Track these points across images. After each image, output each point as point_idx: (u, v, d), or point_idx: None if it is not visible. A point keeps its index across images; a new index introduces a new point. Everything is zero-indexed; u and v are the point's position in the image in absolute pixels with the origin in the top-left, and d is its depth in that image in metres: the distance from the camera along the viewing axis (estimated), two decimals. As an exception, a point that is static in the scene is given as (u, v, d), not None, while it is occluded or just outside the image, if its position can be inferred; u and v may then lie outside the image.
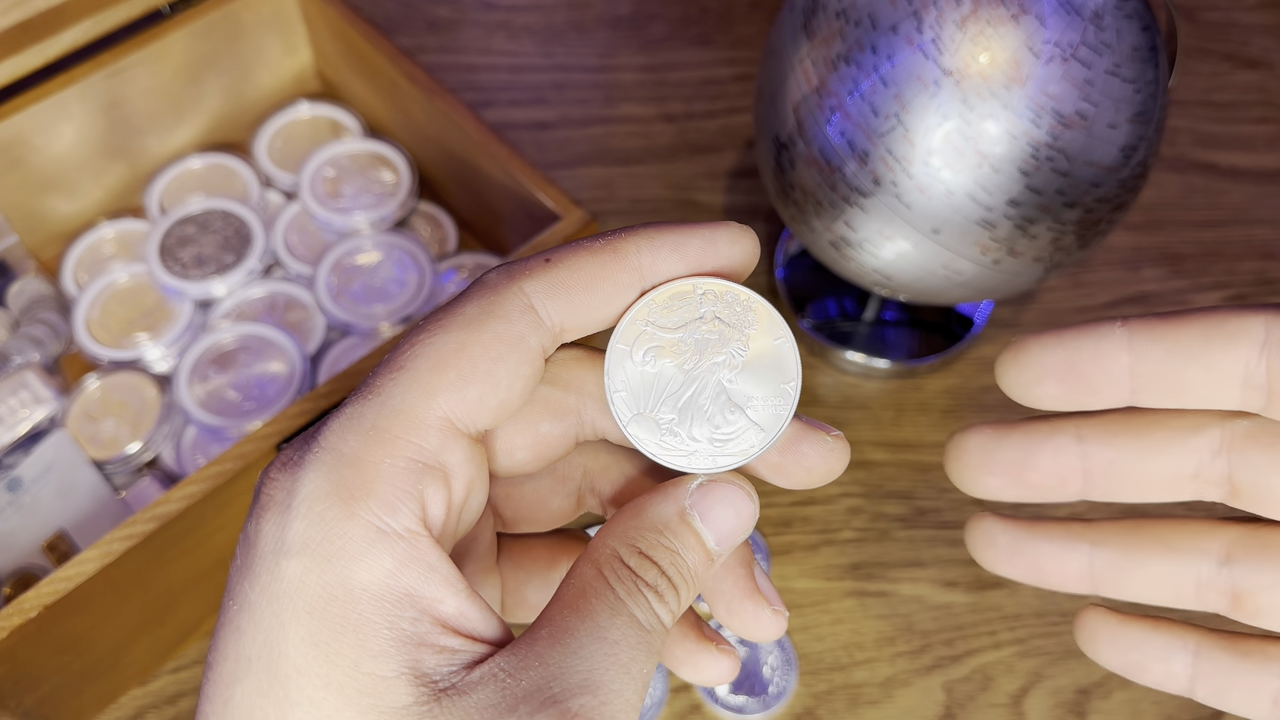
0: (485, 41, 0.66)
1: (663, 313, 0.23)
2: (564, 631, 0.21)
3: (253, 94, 0.59)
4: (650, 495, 0.23)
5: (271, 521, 0.21)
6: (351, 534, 0.20)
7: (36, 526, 0.46)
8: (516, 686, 0.20)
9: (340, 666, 0.20)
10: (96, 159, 0.55)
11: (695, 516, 0.23)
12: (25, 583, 0.45)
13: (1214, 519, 0.25)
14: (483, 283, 0.23)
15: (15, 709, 0.39)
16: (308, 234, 0.56)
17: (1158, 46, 0.40)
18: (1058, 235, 0.41)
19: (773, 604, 0.25)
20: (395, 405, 0.21)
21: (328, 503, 0.20)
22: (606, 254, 0.23)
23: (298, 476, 0.21)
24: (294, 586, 0.20)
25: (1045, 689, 0.45)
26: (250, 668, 0.20)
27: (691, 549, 0.23)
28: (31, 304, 0.52)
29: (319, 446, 0.21)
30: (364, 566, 0.20)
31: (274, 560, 0.20)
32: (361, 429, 0.21)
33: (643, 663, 0.21)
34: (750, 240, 0.23)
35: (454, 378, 0.21)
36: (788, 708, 0.45)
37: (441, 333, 0.22)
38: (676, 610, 0.22)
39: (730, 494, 0.24)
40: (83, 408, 0.50)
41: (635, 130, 0.62)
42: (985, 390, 0.53)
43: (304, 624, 0.20)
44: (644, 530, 0.23)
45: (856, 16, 0.40)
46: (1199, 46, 0.67)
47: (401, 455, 0.21)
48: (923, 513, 0.50)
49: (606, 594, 0.22)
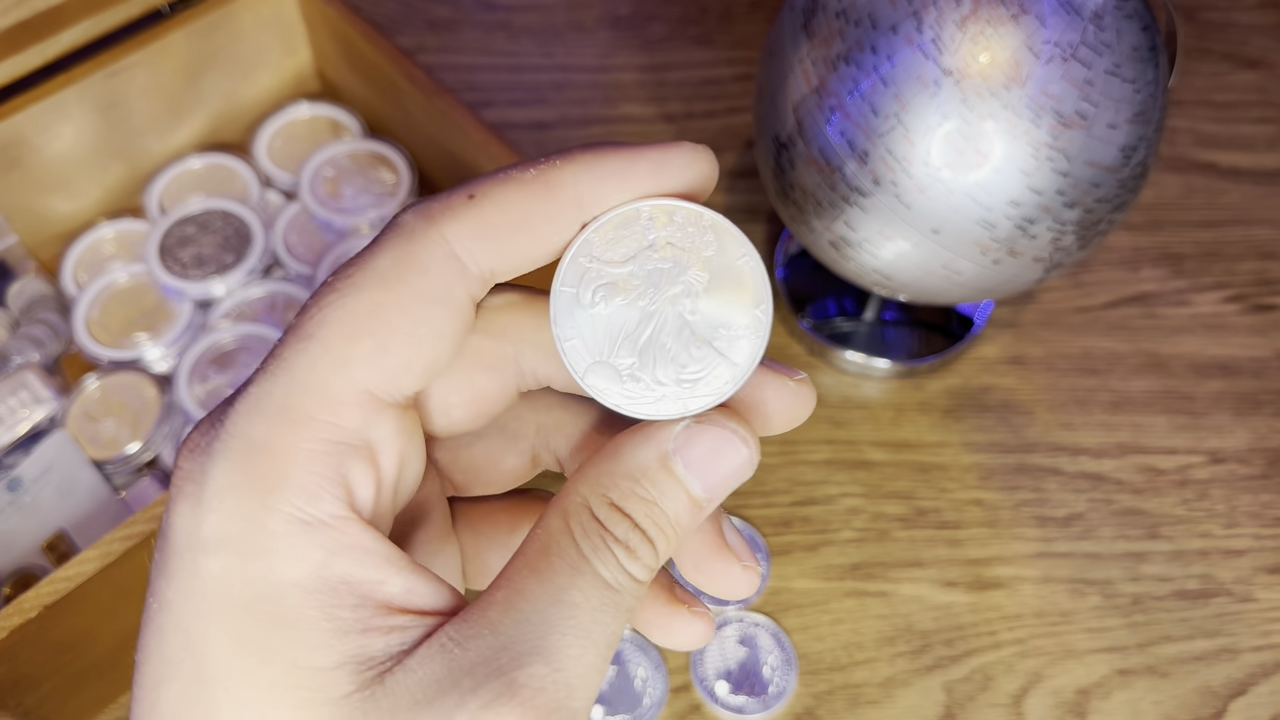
0: (485, 41, 0.66)
1: (607, 245, 0.21)
2: (519, 595, 0.19)
3: (252, 94, 0.59)
4: (629, 437, 0.21)
5: (184, 515, 0.19)
6: (271, 529, 0.19)
7: (36, 526, 0.46)
8: (463, 658, 0.19)
9: (273, 664, 0.18)
10: (96, 159, 0.55)
11: (678, 462, 0.21)
12: (25, 583, 0.45)
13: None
14: (397, 227, 0.20)
15: (15, 709, 0.39)
16: (307, 234, 0.56)
17: (1158, 46, 0.40)
18: (1057, 235, 0.41)
19: (743, 559, 0.23)
20: (305, 380, 0.19)
21: (240, 495, 0.19)
22: (539, 186, 0.20)
23: (206, 467, 0.19)
24: (214, 585, 0.19)
25: (1045, 689, 0.45)
26: (174, 670, 0.19)
27: (672, 497, 0.21)
28: (31, 304, 0.52)
29: (225, 432, 0.19)
30: (290, 562, 0.19)
31: (190, 558, 0.19)
32: (270, 410, 0.19)
33: (606, 625, 0.20)
34: (707, 159, 0.21)
35: (370, 346, 0.19)
36: (787, 708, 0.45)
37: (354, 292, 0.19)
38: (654, 564, 0.21)
39: (721, 437, 0.21)
40: (82, 408, 0.49)
41: (635, 130, 0.62)
42: (985, 390, 0.53)
43: (227, 623, 0.19)
44: (618, 478, 0.21)
45: (856, 16, 0.40)
46: (1199, 46, 0.67)
47: (317, 438, 0.19)
48: (922, 513, 0.50)
49: (569, 551, 0.20)
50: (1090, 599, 0.47)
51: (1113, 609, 0.47)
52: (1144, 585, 0.48)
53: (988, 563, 0.48)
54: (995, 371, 0.54)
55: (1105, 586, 0.48)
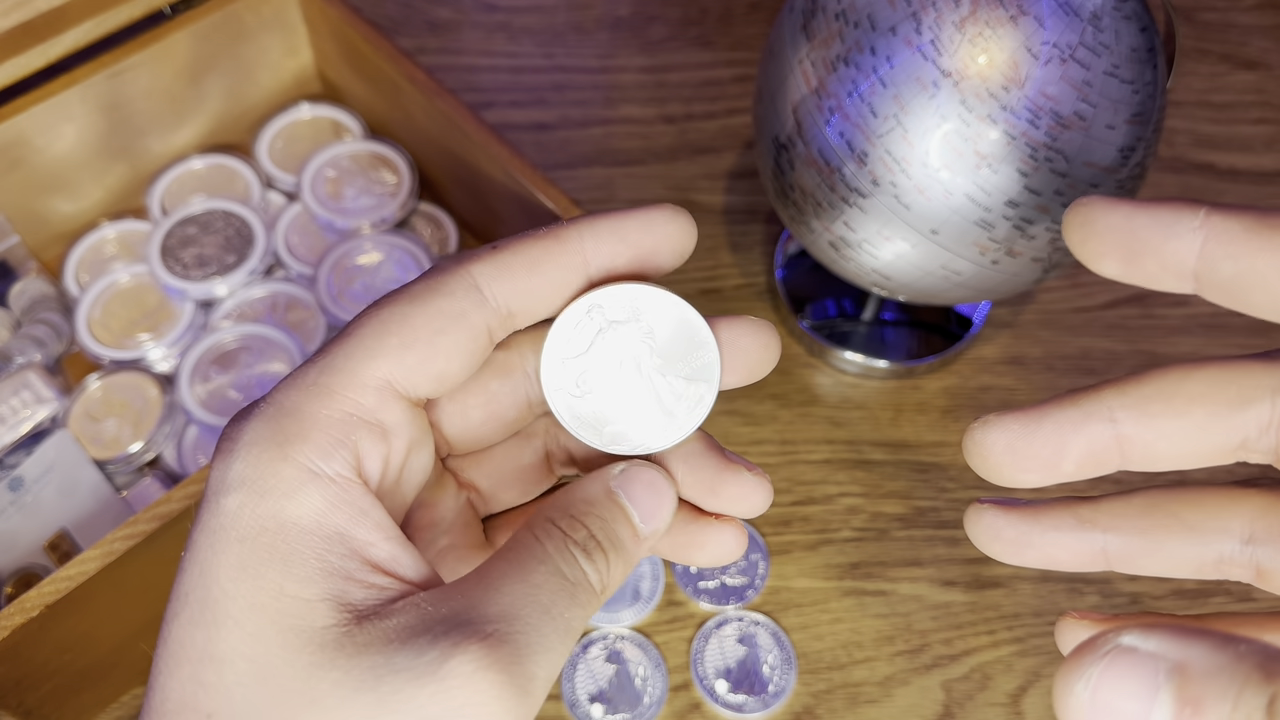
0: (486, 42, 0.66)
1: (569, 345, 0.25)
2: (489, 574, 0.22)
3: (254, 95, 0.59)
4: (581, 479, 0.25)
5: (217, 466, 0.22)
6: (284, 474, 0.22)
7: (38, 526, 0.46)
8: (436, 613, 0.21)
9: (265, 590, 0.21)
10: (98, 159, 0.55)
11: (621, 495, 0.24)
12: (27, 582, 0.45)
13: (1235, 486, 0.24)
14: (434, 267, 0.24)
15: (16, 708, 0.39)
16: (309, 234, 0.56)
17: (1156, 47, 0.40)
18: (1056, 236, 0.42)
19: (750, 469, 0.26)
20: (338, 365, 0.23)
21: (264, 446, 0.22)
22: (549, 239, 0.24)
23: (243, 426, 0.23)
24: (228, 519, 0.22)
25: (1044, 688, 0.45)
26: (186, 601, 0.22)
27: (620, 522, 0.24)
28: (33, 304, 0.53)
29: (266, 401, 0.23)
30: (295, 503, 0.22)
31: (214, 499, 0.22)
32: (304, 385, 0.23)
33: (565, 608, 0.22)
34: (683, 219, 0.25)
35: (395, 343, 0.23)
36: (787, 706, 0.45)
37: (390, 306, 0.24)
38: (605, 576, 0.23)
39: (649, 477, 0.25)
40: (84, 408, 0.50)
41: (635, 131, 0.62)
42: (984, 390, 0.53)
43: (234, 551, 0.21)
44: (575, 502, 0.24)
45: (855, 18, 0.40)
46: (1197, 47, 0.67)
47: (337, 408, 0.23)
48: (921, 512, 0.50)
49: (535, 547, 0.23)
50: (1089, 598, 0.48)
51: (1112, 608, 0.47)
52: (1142, 585, 0.48)
53: (986, 562, 0.48)
54: (994, 371, 0.54)
55: (1104, 586, 0.48)
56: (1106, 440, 0.23)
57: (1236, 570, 0.24)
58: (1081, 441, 0.23)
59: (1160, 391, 0.23)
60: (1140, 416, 0.23)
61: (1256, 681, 0.16)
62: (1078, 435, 0.23)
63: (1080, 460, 0.23)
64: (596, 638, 0.46)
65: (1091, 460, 0.23)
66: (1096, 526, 0.24)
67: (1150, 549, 0.24)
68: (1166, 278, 0.22)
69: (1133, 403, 0.23)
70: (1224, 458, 0.23)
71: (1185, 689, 0.17)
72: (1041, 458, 0.23)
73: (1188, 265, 0.21)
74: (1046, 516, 0.25)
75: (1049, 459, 0.23)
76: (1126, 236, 0.22)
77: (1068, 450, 0.23)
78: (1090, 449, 0.23)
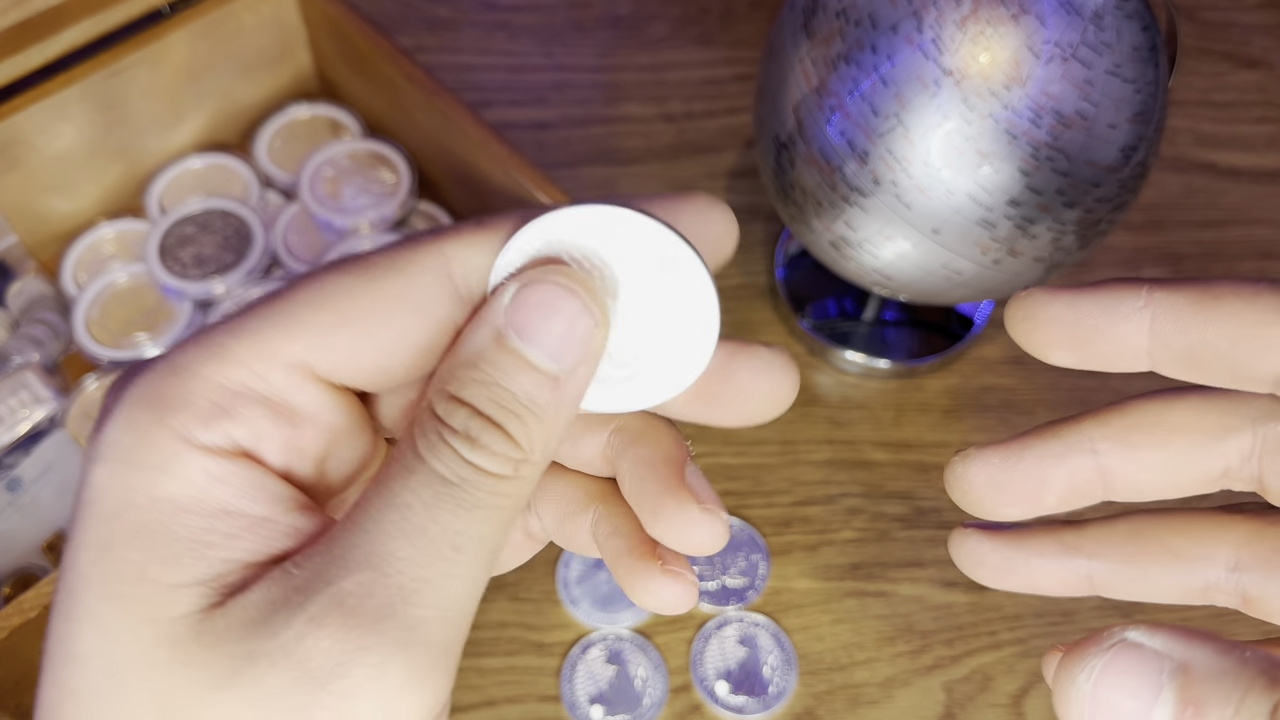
0: (485, 41, 0.66)
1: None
2: (359, 509, 0.19)
3: (252, 94, 0.59)
4: (467, 326, 0.20)
5: (94, 431, 0.20)
6: (158, 442, 0.19)
7: (37, 526, 0.46)
8: (299, 576, 0.18)
9: (124, 576, 0.19)
10: (96, 159, 0.55)
11: (512, 335, 0.19)
12: (25, 582, 0.45)
13: (1221, 511, 0.24)
14: (408, 236, 0.21)
15: (15, 709, 0.39)
16: (307, 234, 0.56)
17: (1158, 46, 0.40)
18: (1058, 235, 0.41)
19: (702, 499, 0.21)
20: (250, 328, 0.20)
21: (141, 409, 0.19)
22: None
23: (127, 384, 0.20)
24: (95, 493, 0.19)
25: (1045, 689, 0.45)
26: (57, 589, 0.19)
27: (515, 374, 0.19)
28: (31, 304, 0.52)
29: (163, 355, 0.20)
30: (169, 478, 0.19)
31: (86, 469, 0.19)
32: (207, 342, 0.20)
33: (446, 523, 0.19)
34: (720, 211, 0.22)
35: (326, 320, 0.20)
36: (787, 708, 0.45)
37: (340, 275, 0.20)
38: (511, 452, 0.19)
39: (547, 293, 0.19)
40: (82, 408, 0.49)
41: (635, 130, 0.62)
42: (985, 390, 0.53)
43: (96, 530, 0.19)
44: (456, 368, 0.19)
45: (856, 16, 0.40)
46: (1199, 46, 0.67)
47: (232, 376, 0.19)
48: (922, 513, 0.50)
49: (406, 454, 0.19)
50: (1090, 599, 0.47)
51: (1112, 608, 0.47)
52: (1144, 585, 0.48)
53: (988, 563, 0.48)
54: (995, 371, 0.54)
55: (1105, 586, 0.48)
56: (1088, 472, 0.23)
57: (1223, 597, 0.23)
58: (1063, 474, 0.23)
59: (1141, 422, 0.23)
60: (1122, 448, 0.22)
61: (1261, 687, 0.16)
62: (1059, 468, 0.23)
63: (1062, 493, 0.23)
64: (596, 639, 0.46)
65: (1074, 492, 0.23)
66: (1082, 553, 0.24)
67: (1136, 576, 0.24)
68: (1120, 359, 0.22)
69: (1114, 434, 0.23)
70: (1206, 487, 0.23)
71: (1188, 689, 0.16)
72: (1023, 491, 0.23)
73: (1140, 345, 0.21)
74: (1031, 543, 0.24)
75: (1031, 492, 0.23)
76: (1072, 325, 0.22)
77: (1050, 483, 0.23)
78: (1072, 481, 0.23)
